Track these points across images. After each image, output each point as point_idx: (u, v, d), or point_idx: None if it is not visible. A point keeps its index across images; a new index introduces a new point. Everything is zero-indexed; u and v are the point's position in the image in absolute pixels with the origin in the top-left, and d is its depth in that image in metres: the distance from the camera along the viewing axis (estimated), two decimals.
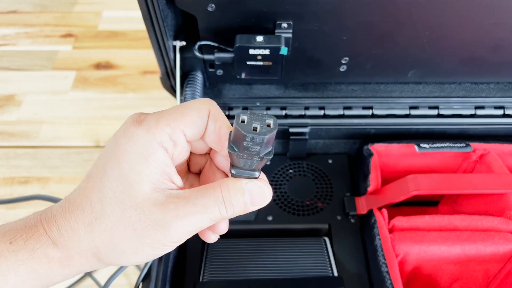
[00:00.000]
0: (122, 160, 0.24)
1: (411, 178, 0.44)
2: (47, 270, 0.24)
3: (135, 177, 0.24)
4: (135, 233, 0.24)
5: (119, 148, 0.24)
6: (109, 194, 0.24)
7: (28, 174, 0.71)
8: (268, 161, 0.25)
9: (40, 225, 0.25)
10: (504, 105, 0.51)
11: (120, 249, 0.24)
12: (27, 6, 1.01)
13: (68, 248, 0.24)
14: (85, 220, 0.24)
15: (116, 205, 0.24)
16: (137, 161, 0.24)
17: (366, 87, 0.52)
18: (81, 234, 0.24)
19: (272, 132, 0.22)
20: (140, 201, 0.24)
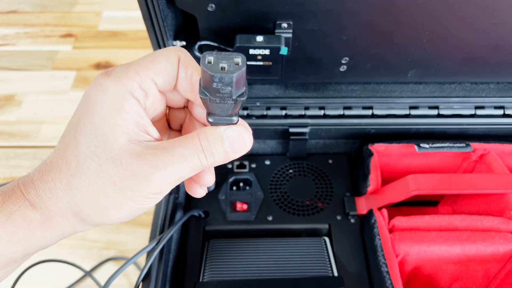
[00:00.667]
0: (94, 113, 0.23)
1: (411, 178, 0.44)
2: (27, 234, 0.23)
3: (108, 128, 0.23)
4: (115, 187, 0.23)
5: (90, 101, 0.24)
6: (84, 149, 0.23)
7: None
8: (242, 103, 0.23)
9: (18, 189, 0.24)
10: (504, 105, 0.51)
11: (101, 205, 0.24)
12: (27, 6, 1.01)
13: (47, 209, 0.23)
14: (63, 179, 0.23)
15: (92, 159, 0.23)
16: (109, 113, 0.23)
17: (366, 87, 0.52)
18: (60, 194, 0.23)
19: (241, 69, 0.21)
20: (116, 153, 0.23)
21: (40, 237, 0.24)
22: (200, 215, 0.48)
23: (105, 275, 0.61)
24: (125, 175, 0.23)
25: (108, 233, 0.64)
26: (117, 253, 0.63)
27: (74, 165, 0.23)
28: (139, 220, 0.66)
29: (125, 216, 0.25)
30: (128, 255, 0.62)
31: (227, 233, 0.49)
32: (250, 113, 0.50)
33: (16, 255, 0.24)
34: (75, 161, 0.23)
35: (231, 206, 0.49)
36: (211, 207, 0.50)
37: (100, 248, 0.63)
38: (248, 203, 0.50)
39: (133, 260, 0.38)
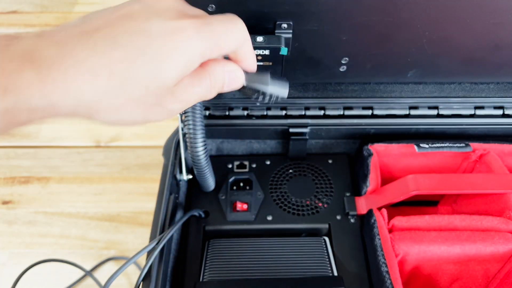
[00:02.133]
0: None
1: (410, 178, 0.45)
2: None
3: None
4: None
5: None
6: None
7: (28, 174, 0.71)
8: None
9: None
10: (504, 105, 0.51)
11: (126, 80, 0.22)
12: (28, 6, 1.01)
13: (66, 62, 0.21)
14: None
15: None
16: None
17: (366, 87, 0.52)
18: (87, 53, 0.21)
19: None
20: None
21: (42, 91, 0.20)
22: (200, 215, 0.49)
23: (105, 275, 0.61)
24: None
25: (108, 233, 0.64)
26: (118, 253, 0.63)
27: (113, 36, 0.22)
28: (139, 220, 0.66)
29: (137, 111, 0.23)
30: (129, 255, 0.63)
31: (227, 233, 0.49)
32: (250, 113, 0.51)
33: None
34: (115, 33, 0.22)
35: (231, 206, 0.50)
36: (211, 207, 0.50)
37: (101, 248, 0.63)
38: (248, 203, 0.50)
39: (133, 260, 0.38)
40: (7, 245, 0.64)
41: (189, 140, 0.44)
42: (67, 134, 0.77)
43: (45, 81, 0.20)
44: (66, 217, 0.66)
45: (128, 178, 0.71)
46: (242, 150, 0.55)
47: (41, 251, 0.63)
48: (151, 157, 0.74)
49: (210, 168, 0.47)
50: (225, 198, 0.50)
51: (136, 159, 0.73)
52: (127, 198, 0.68)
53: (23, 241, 0.64)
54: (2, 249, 0.63)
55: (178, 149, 0.49)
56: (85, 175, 0.71)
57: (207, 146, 0.45)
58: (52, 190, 0.69)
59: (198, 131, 0.43)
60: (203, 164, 0.45)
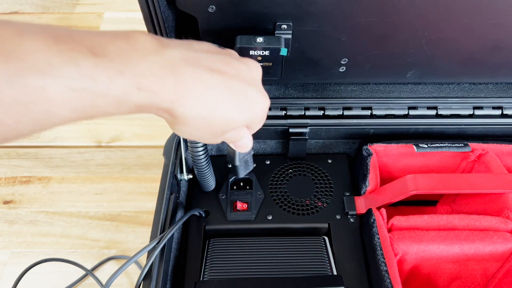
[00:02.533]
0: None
1: (409, 177, 0.45)
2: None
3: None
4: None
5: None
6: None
7: (29, 174, 0.71)
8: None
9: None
10: (503, 105, 0.51)
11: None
12: (29, 7, 1.01)
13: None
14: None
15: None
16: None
17: (365, 88, 0.52)
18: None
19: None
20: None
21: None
22: (200, 214, 0.49)
23: (106, 274, 0.61)
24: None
25: (109, 233, 0.65)
26: (118, 253, 0.63)
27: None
28: (140, 219, 0.66)
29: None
30: (129, 254, 0.63)
31: (227, 232, 0.49)
32: None
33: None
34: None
35: (231, 206, 0.50)
36: (212, 206, 0.50)
37: (102, 248, 0.63)
38: (248, 203, 0.50)
39: (134, 259, 0.38)
40: (8, 244, 0.64)
41: (189, 140, 0.44)
42: (68, 134, 0.77)
43: (177, 92, 0.26)
44: (67, 216, 0.67)
45: (128, 178, 0.71)
46: None
47: (42, 251, 0.63)
48: (152, 157, 0.74)
49: (210, 168, 0.47)
50: (225, 198, 0.50)
51: (136, 159, 0.73)
52: (128, 197, 0.68)
53: (24, 241, 0.64)
54: (3, 249, 0.63)
55: (178, 149, 0.49)
56: (86, 175, 0.71)
57: (207, 146, 0.46)
58: (53, 190, 0.69)
59: None
60: (203, 164, 0.45)
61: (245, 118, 0.31)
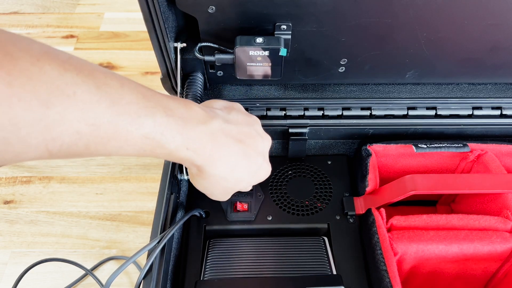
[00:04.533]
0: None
1: (409, 178, 0.45)
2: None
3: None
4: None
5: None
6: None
7: (30, 174, 0.71)
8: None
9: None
10: (502, 106, 0.51)
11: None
12: (29, 7, 1.01)
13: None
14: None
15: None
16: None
17: (364, 88, 0.52)
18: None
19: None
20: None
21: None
22: (201, 214, 0.49)
23: (106, 274, 0.61)
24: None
25: (110, 233, 0.65)
26: (119, 252, 0.63)
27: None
28: (140, 219, 0.66)
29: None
30: (130, 254, 0.63)
31: (227, 232, 0.49)
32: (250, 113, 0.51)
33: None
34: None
35: (231, 206, 0.50)
36: (212, 207, 0.50)
37: (102, 247, 0.64)
38: (248, 203, 0.50)
39: (134, 259, 0.38)
40: (9, 244, 0.64)
41: None
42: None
43: (209, 155, 0.33)
44: (67, 216, 0.67)
45: (129, 177, 0.71)
46: None
47: (42, 251, 0.63)
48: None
49: None
50: None
51: (137, 159, 0.73)
52: (128, 197, 0.68)
53: (25, 241, 0.64)
54: (3, 249, 0.63)
55: None
56: (86, 175, 0.71)
57: None
58: (54, 190, 0.69)
59: None
60: None
61: (253, 181, 0.39)
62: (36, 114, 0.22)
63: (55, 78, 0.23)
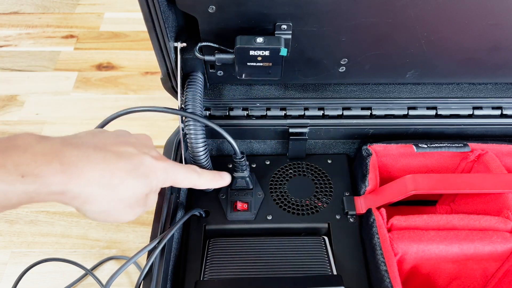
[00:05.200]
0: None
1: (409, 177, 0.45)
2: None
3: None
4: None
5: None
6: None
7: None
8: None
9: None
10: (502, 106, 0.51)
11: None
12: (29, 7, 1.01)
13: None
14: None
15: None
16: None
17: (364, 88, 0.52)
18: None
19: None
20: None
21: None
22: (200, 214, 0.49)
23: (106, 274, 0.61)
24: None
25: (110, 232, 0.65)
26: (119, 252, 0.63)
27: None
28: (140, 219, 0.66)
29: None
30: (130, 254, 0.63)
31: (227, 232, 0.49)
32: (250, 113, 0.51)
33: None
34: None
35: (231, 206, 0.50)
36: (212, 206, 0.50)
37: (102, 247, 0.64)
38: (248, 203, 0.50)
39: (134, 259, 0.38)
40: (9, 244, 0.64)
41: (189, 141, 0.44)
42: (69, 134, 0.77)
43: (66, 172, 0.27)
44: (67, 216, 0.67)
45: None
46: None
47: (42, 251, 0.63)
48: None
49: (210, 168, 0.47)
50: (225, 198, 0.51)
51: None
52: None
53: (25, 241, 0.64)
54: (3, 249, 0.63)
55: (178, 149, 0.49)
56: None
57: (207, 146, 0.46)
58: None
59: (198, 131, 0.44)
60: (203, 164, 0.45)
61: (149, 182, 0.33)
62: None
63: None
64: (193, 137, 0.44)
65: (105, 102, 0.82)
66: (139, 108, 0.43)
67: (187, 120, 0.44)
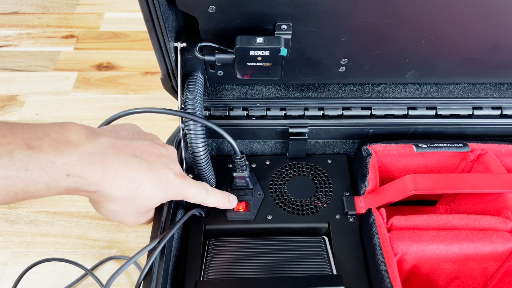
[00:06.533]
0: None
1: (409, 177, 0.45)
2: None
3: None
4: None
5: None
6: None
7: None
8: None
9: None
10: (502, 105, 0.51)
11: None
12: (29, 7, 1.01)
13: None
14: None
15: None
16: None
17: (364, 88, 0.52)
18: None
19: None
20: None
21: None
22: (200, 214, 0.49)
23: (106, 274, 0.61)
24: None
25: (110, 232, 0.65)
26: (119, 252, 0.63)
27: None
28: None
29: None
30: (130, 254, 0.63)
31: (227, 232, 0.49)
32: (250, 113, 0.51)
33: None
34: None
35: None
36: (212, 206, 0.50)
37: (102, 247, 0.63)
38: (248, 203, 0.50)
39: (134, 259, 0.38)
40: (9, 244, 0.64)
41: (189, 141, 0.44)
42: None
43: (105, 176, 0.30)
44: (67, 216, 0.67)
45: None
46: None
47: (42, 251, 0.63)
48: None
49: (210, 168, 0.47)
50: None
51: None
52: None
53: (25, 241, 0.64)
54: (3, 249, 0.63)
55: (179, 149, 0.49)
56: None
57: (207, 146, 0.46)
58: None
59: (198, 131, 0.44)
60: (203, 164, 0.45)
61: (166, 195, 0.36)
62: None
63: None
64: (193, 137, 0.44)
65: (105, 102, 0.82)
66: (139, 109, 0.43)
67: (187, 120, 0.44)
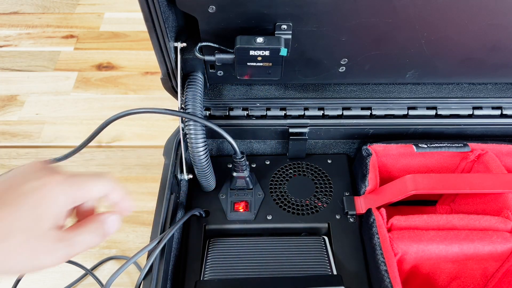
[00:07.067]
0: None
1: (409, 177, 0.45)
2: None
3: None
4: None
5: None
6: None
7: None
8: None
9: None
10: (502, 105, 0.51)
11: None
12: (29, 7, 1.01)
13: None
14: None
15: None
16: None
17: (364, 88, 0.52)
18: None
19: None
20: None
21: None
22: (201, 214, 0.49)
23: (106, 274, 0.61)
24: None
25: None
26: (119, 252, 0.63)
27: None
28: (140, 219, 0.66)
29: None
30: (130, 254, 0.63)
31: (227, 232, 0.49)
32: (250, 113, 0.51)
33: None
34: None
35: (231, 206, 0.50)
36: (212, 206, 0.50)
37: (102, 247, 0.63)
38: (248, 203, 0.50)
39: (134, 259, 0.38)
40: None
41: (189, 141, 0.44)
42: (69, 134, 0.77)
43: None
44: None
45: (129, 177, 0.71)
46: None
47: None
48: (152, 157, 0.74)
49: (210, 168, 0.47)
50: (225, 198, 0.51)
51: (137, 159, 0.73)
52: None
53: None
54: None
55: (179, 149, 0.49)
56: None
57: (207, 146, 0.46)
58: None
59: (198, 131, 0.44)
60: (203, 164, 0.45)
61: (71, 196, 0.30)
62: None
63: None
64: (193, 137, 0.44)
65: (105, 102, 0.82)
66: (139, 109, 0.43)
67: (187, 120, 0.44)
